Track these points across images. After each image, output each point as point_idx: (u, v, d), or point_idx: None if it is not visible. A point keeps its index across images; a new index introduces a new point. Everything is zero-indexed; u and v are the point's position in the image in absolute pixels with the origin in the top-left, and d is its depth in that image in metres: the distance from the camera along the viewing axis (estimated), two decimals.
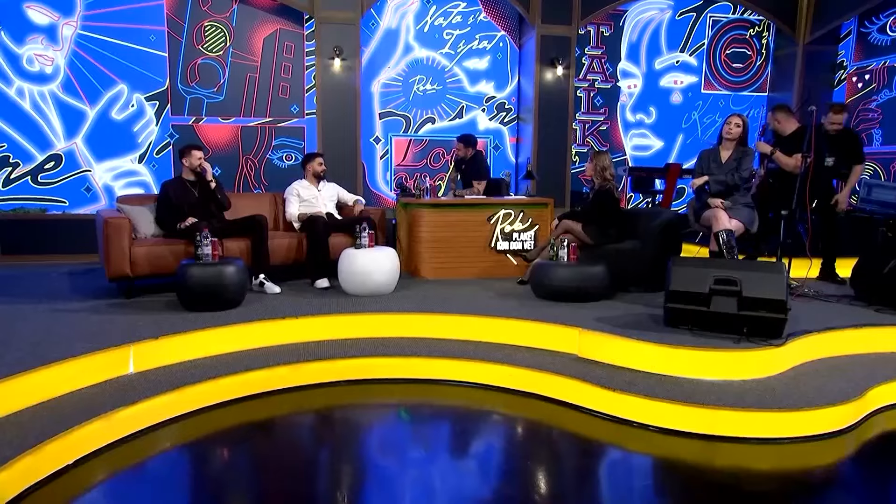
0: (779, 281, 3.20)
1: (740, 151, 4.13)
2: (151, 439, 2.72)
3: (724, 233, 3.87)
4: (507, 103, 7.38)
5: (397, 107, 7.12)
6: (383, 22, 6.95)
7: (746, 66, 7.86)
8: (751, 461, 2.65)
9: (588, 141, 7.59)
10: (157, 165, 6.57)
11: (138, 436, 2.70)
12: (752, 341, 3.20)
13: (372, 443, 2.92)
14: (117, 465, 2.51)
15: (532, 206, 5.23)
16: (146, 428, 2.75)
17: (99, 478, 2.40)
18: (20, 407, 2.57)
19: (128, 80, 6.39)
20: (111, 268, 4.03)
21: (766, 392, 2.93)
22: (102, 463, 2.48)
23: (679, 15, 7.62)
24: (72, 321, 3.53)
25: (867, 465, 2.74)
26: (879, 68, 7.02)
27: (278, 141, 6.81)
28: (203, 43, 6.50)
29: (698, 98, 7.80)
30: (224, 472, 2.58)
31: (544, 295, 4.28)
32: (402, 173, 7.24)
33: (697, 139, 7.86)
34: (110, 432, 2.59)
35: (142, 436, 2.71)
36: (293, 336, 3.66)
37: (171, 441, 2.75)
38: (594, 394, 3.05)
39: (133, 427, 2.69)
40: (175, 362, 3.24)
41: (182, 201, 4.55)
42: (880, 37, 7.03)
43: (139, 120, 6.49)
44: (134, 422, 2.70)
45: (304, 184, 5.20)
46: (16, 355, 2.84)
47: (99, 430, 2.53)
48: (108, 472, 2.45)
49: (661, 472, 2.65)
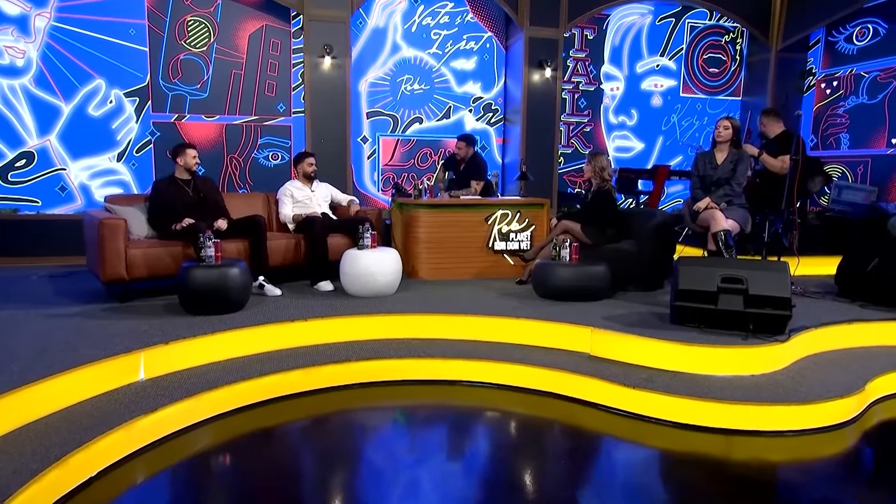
0: (783, 279, 3.33)
1: (735, 154, 4.27)
2: (172, 448, 2.63)
3: (722, 233, 3.99)
4: (493, 104, 7.43)
5: (385, 106, 7.07)
6: (371, 21, 6.89)
7: (722, 71, 8.13)
8: (768, 453, 2.75)
9: (573, 142, 7.71)
10: (137, 164, 6.34)
11: (157, 445, 2.61)
12: (758, 338, 3.32)
13: (395, 447, 2.90)
14: (140, 475, 2.42)
15: (529, 207, 5.28)
16: (166, 436, 2.66)
17: (123, 489, 2.31)
18: (34, 417, 2.45)
19: (105, 74, 6.14)
20: (106, 270, 3.87)
21: (776, 386, 3.04)
22: (125, 473, 2.39)
23: (659, 20, 7.82)
24: (70, 327, 3.38)
25: (872, 453, 2.87)
26: (846, 76, 7.37)
27: (264, 140, 6.67)
28: (186, 38, 6.31)
29: (677, 101, 8.02)
30: (253, 480, 2.51)
31: (547, 294, 4.33)
32: (390, 173, 7.20)
33: (676, 141, 8.08)
34: (131, 442, 2.50)
35: (160, 445, 2.62)
36: (303, 339, 3.60)
37: (192, 449, 2.67)
38: (613, 391, 3.10)
39: (153, 436, 2.60)
40: (186, 368, 3.14)
41: (176, 201, 4.42)
42: (847, 46, 7.38)
43: (118, 117, 6.25)
44: (154, 430, 2.61)
45: (297, 184, 5.12)
46: (21, 364, 2.70)
47: (120, 440, 2.44)
48: (132, 483, 2.36)
49: (686, 466, 2.72)
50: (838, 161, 7.41)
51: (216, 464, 2.64)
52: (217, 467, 2.61)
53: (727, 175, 4.22)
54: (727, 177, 4.22)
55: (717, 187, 4.26)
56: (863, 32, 7.19)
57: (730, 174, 4.22)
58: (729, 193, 4.20)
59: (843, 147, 7.38)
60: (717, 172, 4.28)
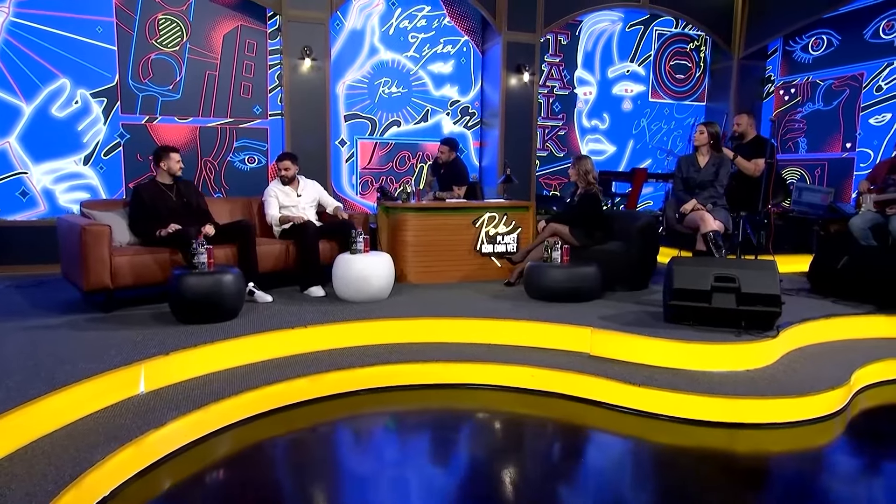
0: (772, 277, 3.49)
1: (717, 158, 4.44)
2: (185, 461, 2.54)
3: (711, 233, 4.14)
4: (470, 108, 7.47)
5: (363, 109, 7.01)
6: (348, 23, 6.82)
7: (687, 78, 8.43)
8: (769, 444, 2.87)
9: (548, 146, 7.83)
10: (106, 168, 6.07)
11: (167, 459, 2.52)
12: (750, 334, 3.46)
13: (409, 452, 2.88)
14: (154, 490, 2.32)
15: (515, 209, 5.34)
16: (176, 450, 2.57)
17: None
18: (38, 435, 2.32)
19: (71, 74, 5.86)
20: (89, 279, 3.70)
21: (772, 380, 3.18)
22: (139, 490, 2.29)
23: (629, 27, 8.05)
24: (57, 339, 3.22)
25: (860, 439, 3.04)
26: (803, 83, 7.77)
27: (240, 143, 6.50)
28: (157, 37, 6.09)
29: (646, 106, 8.27)
30: (272, 490, 2.45)
31: (539, 295, 4.39)
32: (369, 177, 7.15)
33: (646, 145, 8.33)
34: (143, 457, 2.40)
35: (171, 459, 2.53)
36: (304, 346, 3.53)
37: (205, 462, 2.58)
38: (618, 389, 3.17)
39: (164, 450, 2.51)
40: (186, 379, 3.04)
41: (159, 207, 4.26)
42: (803, 55, 7.78)
43: (84, 118, 5.97)
44: (164, 444, 2.51)
45: (282, 187, 5.01)
46: (16, 379, 2.56)
47: (132, 456, 2.34)
48: (147, 499, 2.27)
49: (696, 460, 2.80)
50: (797, 164, 7.80)
51: (232, 476, 2.56)
52: (233, 479, 2.53)
53: (710, 178, 4.39)
54: (710, 179, 4.39)
55: (702, 189, 4.42)
56: (817, 43, 7.60)
57: (713, 177, 4.38)
58: (713, 195, 4.37)
59: (802, 151, 7.77)
60: (700, 175, 4.44)
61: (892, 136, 6.79)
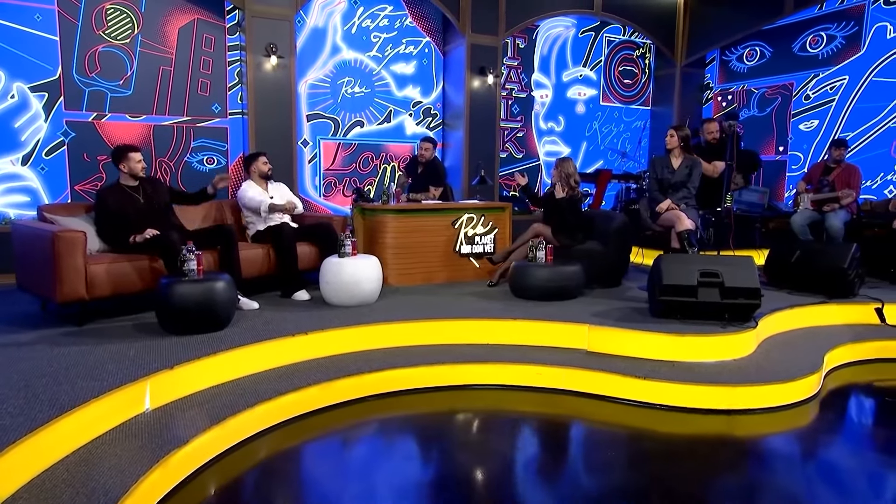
0: (752, 272, 3.75)
1: (690, 160, 4.70)
2: (210, 478, 2.40)
3: (685, 231, 4.39)
4: (432, 109, 7.48)
5: (325, 109, 6.86)
6: (310, 20, 6.65)
7: (634, 83, 8.85)
8: (764, 427, 3.09)
9: (507, 147, 7.98)
10: (48, 168, 5.59)
11: (192, 478, 2.38)
12: (733, 325, 3.70)
13: (427, 453, 2.87)
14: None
15: (491, 210, 5.41)
16: (200, 468, 2.43)
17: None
18: (50, 462, 2.13)
19: (5, 65, 5.36)
20: (63, 290, 3.40)
21: (758, 368, 3.42)
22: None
23: (581, 33, 8.34)
24: (39, 358, 2.94)
25: (835, 416, 3.34)
26: (739, 91, 8.36)
27: (198, 142, 6.18)
28: (105, 28, 5.68)
29: (598, 109, 8.61)
30: (304, 499, 2.38)
31: (525, 295, 4.48)
32: (332, 178, 7.00)
33: (597, 146, 8.67)
34: (170, 479, 2.25)
35: (195, 478, 2.39)
36: (305, 354, 3.43)
37: (228, 477, 2.46)
38: (621, 383, 3.30)
39: (188, 469, 2.36)
40: (191, 393, 2.87)
41: (128, 211, 3.98)
42: (738, 65, 8.37)
43: (22, 114, 5.47)
44: (188, 464, 2.37)
45: (256, 189, 4.83)
46: (13, 404, 2.32)
47: (160, 479, 2.19)
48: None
49: (704, 446, 2.97)
50: None
51: (260, 490, 2.45)
52: (261, 494, 2.43)
53: (684, 179, 4.64)
54: (683, 181, 4.64)
55: (675, 190, 4.66)
56: (751, 54, 8.20)
57: (686, 178, 4.64)
58: (686, 196, 4.62)
59: None
60: (674, 176, 4.68)
61: (820, 141, 7.45)
